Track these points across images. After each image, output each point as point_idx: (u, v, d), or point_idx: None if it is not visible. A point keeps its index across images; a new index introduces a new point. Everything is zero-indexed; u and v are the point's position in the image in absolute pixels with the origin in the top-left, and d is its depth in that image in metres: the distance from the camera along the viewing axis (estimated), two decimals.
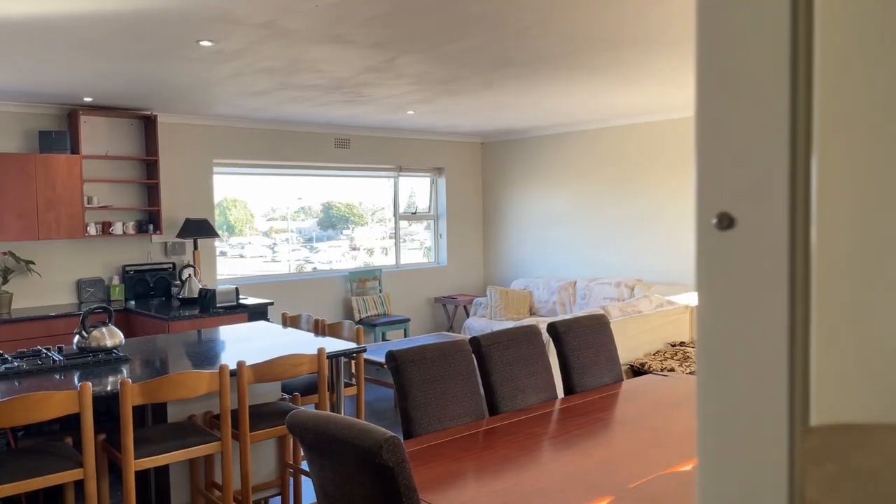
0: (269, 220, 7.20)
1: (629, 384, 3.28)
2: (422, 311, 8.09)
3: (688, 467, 2.20)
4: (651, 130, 6.75)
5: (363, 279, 7.45)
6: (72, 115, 5.54)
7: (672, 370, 4.52)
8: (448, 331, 8.17)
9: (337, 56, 3.98)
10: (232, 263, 6.88)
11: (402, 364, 2.62)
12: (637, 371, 4.56)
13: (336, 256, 7.66)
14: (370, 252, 7.93)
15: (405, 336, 7.48)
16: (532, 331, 3.08)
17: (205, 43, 3.61)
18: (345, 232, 7.79)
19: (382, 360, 5.50)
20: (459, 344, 2.81)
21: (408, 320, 7.30)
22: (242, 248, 6.96)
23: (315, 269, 7.39)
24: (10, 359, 3.26)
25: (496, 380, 2.88)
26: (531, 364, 3.00)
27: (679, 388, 3.19)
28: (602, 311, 4.79)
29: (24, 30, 3.35)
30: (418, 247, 8.29)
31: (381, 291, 7.55)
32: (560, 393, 3.22)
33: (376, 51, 3.87)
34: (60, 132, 5.38)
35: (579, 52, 4.01)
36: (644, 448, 2.38)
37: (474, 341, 2.90)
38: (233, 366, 2.99)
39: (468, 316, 7.95)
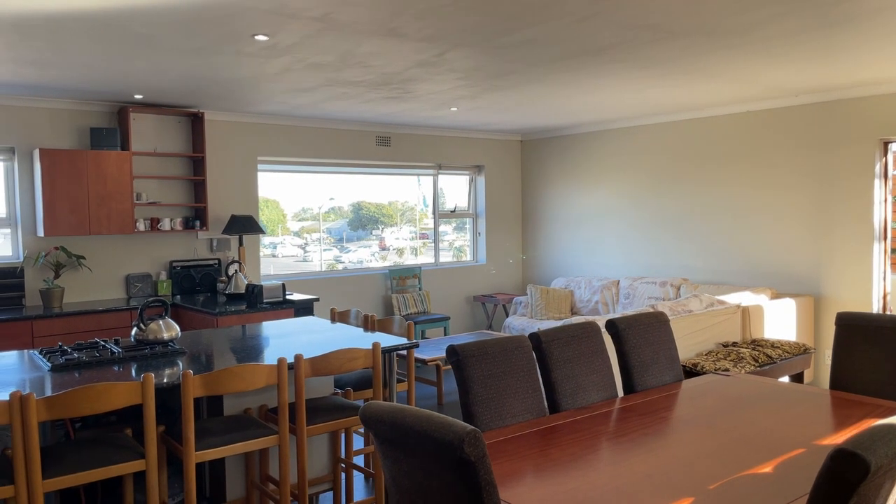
0: (300, 220, 7.23)
1: (690, 384, 3.19)
2: (461, 309, 8.05)
3: (768, 469, 2.11)
4: (697, 127, 6.61)
5: (403, 277, 7.43)
6: (122, 112, 5.62)
7: (727, 370, 4.40)
8: (487, 329, 8.12)
9: (388, 50, 3.95)
10: (265, 263, 6.92)
11: (464, 359, 2.58)
12: (689, 371, 4.45)
13: (366, 256, 7.67)
14: (400, 252, 7.92)
15: (445, 334, 7.45)
16: (591, 327, 3.01)
17: (260, 37, 3.61)
18: (374, 232, 7.79)
19: (424, 357, 5.47)
20: (519, 339, 2.76)
21: (447, 318, 7.26)
22: (275, 247, 7.00)
23: (346, 268, 7.39)
24: (69, 350, 3.29)
25: (557, 377, 2.82)
26: (592, 361, 2.94)
27: (743, 388, 3.09)
28: (660, 309, 4.70)
29: (82, 24, 3.38)
30: (447, 247, 8.24)
31: (420, 289, 7.53)
32: (620, 391, 3.14)
33: (428, 44, 3.84)
34: (111, 129, 5.46)
35: (632, 44, 3.93)
36: (718, 449, 2.30)
37: (534, 337, 2.85)
38: (289, 359, 2.97)
39: (507, 315, 7.89)
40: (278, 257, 7.03)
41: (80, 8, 3.11)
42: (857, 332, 3.11)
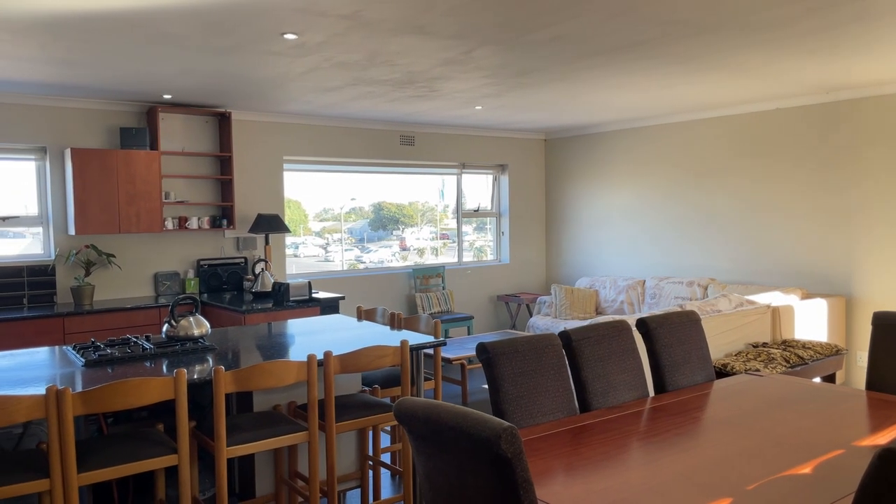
0: (321, 220, 7.27)
1: (722, 384, 3.14)
2: (484, 308, 8.04)
3: (807, 470, 2.07)
4: (726, 124, 6.53)
5: (427, 276, 7.44)
6: (151, 112, 5.69)
7: (758, 371, 4.33)
8: (511, 329, 8.09)
9: (415, 48, 3.95)
10: (287, 262, 6.96)
11: (494, 357, 2.56)
12: (719, 372, 4.40)
13: (387, 256, 7.68)
14: (421, 252, 7.92)
15: (468, 334, 7.44)
16: (622, 326, 2.98)
17: (288, 36, 3.63)
18: (395, 232, 7.80)
19: (449, 356, 5.46)
20: (549, 338, 2.74)
21: (471, 318, 7.25)
22: (297, 247, 7.04)
23: (366, 268, 7.41)
24: (102, 346, 3.33)
25: (587, 375, 2.79)
26: (623, 360, 2.91)
27: (777, 388, 3.04)
28: (692, 308, 4.64)
29: (114, 24, 3.43)
30: (467, 247, 8.22)
31: (444, 288, 7.53)
32: (650, 391, 3.11)
33: (456, 42, 3.83)
34: (140, 129, 5.53)
35: (662, 40, 3.88)
36: (754, 449, 2.26)
37: (564, 336, 2.82)
38: (318, 356, 2.98)
39: (531, 315, 7.86)
40: (300, 257, 7.07)
41: (111, 8, 3.15)
42: (893, 331, 3.04)
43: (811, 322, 5.41)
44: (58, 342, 4.93)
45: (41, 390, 2.59)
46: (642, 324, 3.09)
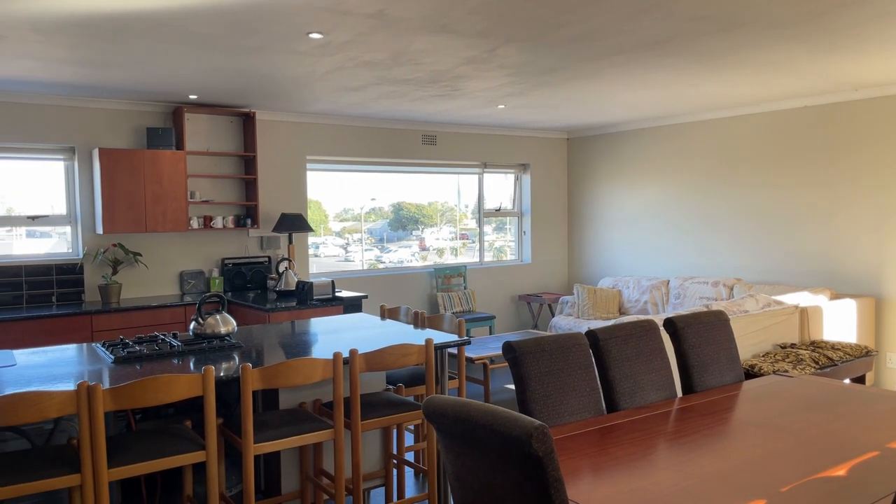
0: (341, 220, 7.30)
1: (751, 384, 3.10)
2: (506, 308, 8.01)
3: (841, 472, 2.04)
4: (752, 122, 6.44)
5: (448, 276, 7.43)
6: (177, 112, 5.74)
7: (786, 372, 4.27)
8: (533, 329, 8.05)
9: (439, 46, 3.95)
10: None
11: (521, 355, 2.55)
12: (747, 373, 4.34)
13: (406, 256, 7.69)
14: (440, 253, 7.91)
15: (490, 333, 7.42)
16: (649, 325, 2.95)
17: (314, 35, 3.64)
18: (414, 233, 7.80)
19: (471, 355, 5.44)
20: (576, 337, 2.72)
21: (493, 318, 7.23)
22: (317, 247, 7.07)
23: (386, 268, 7.42)
24: (130, 343, 3.37)
25: (614, 375, 2.77)
26: (650, 360, 2.88)
27: (808, 389, 2.99)
28: (720, 308, 4.59)
29: (143, 24, 3.46)
30: (487, 247, 8.19)
31: (465, 288, 7.52)
32: (678, 391, 3.07)
33: (480, 40, 3.82)
34: (166, 129, 5.59)
35: (689, 37, 3.84)
36: (787, 451, 2.23)
37: (591, 335, 2.80)
38: (344, 354, 2.99)
39: (553, 314, 7.82)
40: (320, 257, 7.10)
41: (141, 8, 3.19)
42: None
43: (840, 323, 5.31)
44: (86, 339, 5.00)
45: (72, 386, 2.63)
46: (670, 323, 3.06)
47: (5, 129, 5.20)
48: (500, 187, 8.26)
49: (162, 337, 3.51)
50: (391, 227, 7.66)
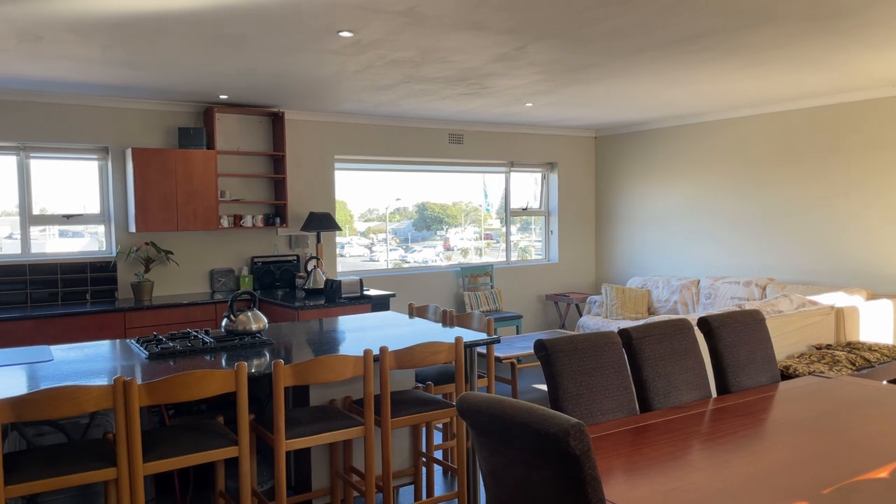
0: (366, 220, 7.32)
1: (788, 385, 3.04)
2: (532, 308, 7.97)
3: (884, 474, 1.98)
4: (786, 119, 6.33)
5: (475, 275, 7.42)
6: (207, 112, 5.81)
7: (822, 373, 4.18)
8: (560, 328, 8.00)
9: (469, 44, 3.94)
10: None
11: (553, 354, 2.53)
12: (782, 374, 4.26)
13: (431, 256, 7.69)
14: (465, 252, 7.89)
15: (517, 333, 7.38)
16: (683, 325, 2.91)
17: (344, 34, 3.66)
18: (438, 233, 7.80)
19: (499, 355, 5.42)
20: (609, 335, 2.69)
21: (520, 317, 7.19)
22: (342, 247, 7.10)
23: (411, 267, 7.42)
24: (164, 339, 3.41)
25: (648, 375, 2.73)
26: (684, 360, 2.84)
27: (846, 390, 2.92)
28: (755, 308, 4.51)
29: (177, 25, 3.50)
30: (512, 247, 8.14)
31: (492, 287, 7.49)
32: (713, 392, 3.03)
33: (510, 37, 3.80)
34: (198, 129, 5.65)
35: (723, 32, 3.78)
36: (826, 452, 2.18)
37: (624, 334, 2.77)
38: (374, 352, 2.99)
39: (580, 314, 7.76)
40: (346, 257, 7.14)
41: (175, 8, 3.22)
42: None
43: (877, 324, 5.19)
44: (119, 336, 5.08)
45: (108, 381, 2.67)
46: (704, 323, 3.01)
47: (41, 129, 5.30)
48: (526, 186, 8.23)
49: (195, 334, 3.54)
50: (415, 228, 7.67)
